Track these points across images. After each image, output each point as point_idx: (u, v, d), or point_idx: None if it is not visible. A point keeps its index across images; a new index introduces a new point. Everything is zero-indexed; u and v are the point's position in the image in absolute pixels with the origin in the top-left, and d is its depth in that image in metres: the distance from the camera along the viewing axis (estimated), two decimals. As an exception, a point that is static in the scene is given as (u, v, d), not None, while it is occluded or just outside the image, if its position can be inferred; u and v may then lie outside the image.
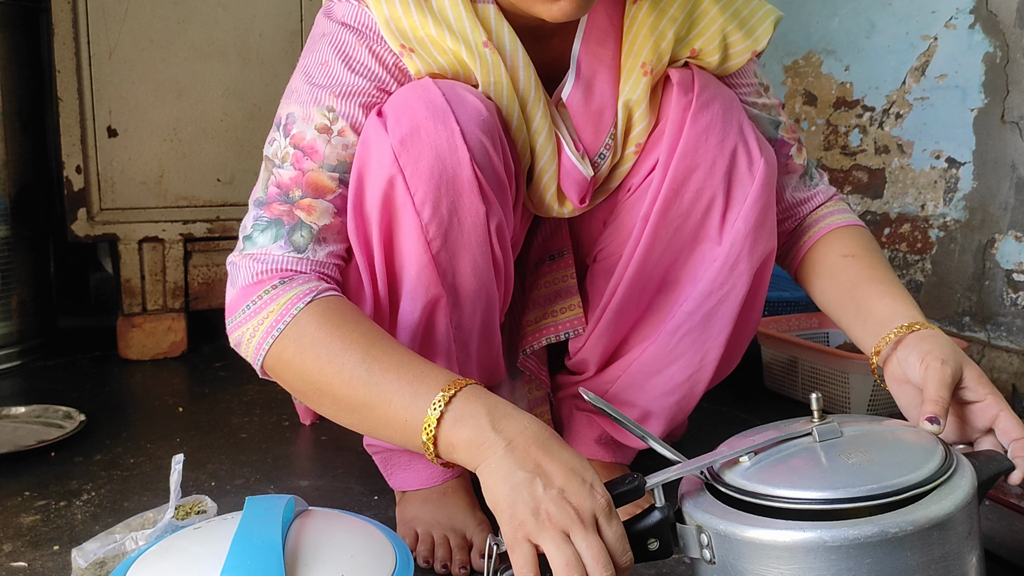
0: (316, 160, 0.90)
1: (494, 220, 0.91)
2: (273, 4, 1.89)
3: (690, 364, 1.06)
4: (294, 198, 0.89)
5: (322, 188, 0.90)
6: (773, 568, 0.66)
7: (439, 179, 0.87)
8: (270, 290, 0.86)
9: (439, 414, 0.74)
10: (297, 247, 0.88)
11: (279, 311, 0.84)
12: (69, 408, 1.44)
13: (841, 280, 1.02)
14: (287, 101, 0.94)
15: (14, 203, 1.79)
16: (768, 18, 1.02)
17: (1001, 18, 1.63)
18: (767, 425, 0.80)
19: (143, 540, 0.88)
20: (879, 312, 0.94)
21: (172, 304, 1.85)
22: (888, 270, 1.01)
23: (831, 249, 1.05)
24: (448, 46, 0.91)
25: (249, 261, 0.88)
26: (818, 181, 1.12)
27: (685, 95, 0.98)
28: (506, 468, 0.70)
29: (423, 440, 0.74)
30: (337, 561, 0.73)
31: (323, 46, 0.93)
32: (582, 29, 0.98)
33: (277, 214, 0.89)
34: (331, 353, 0.81)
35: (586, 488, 0.68)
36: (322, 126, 0.90)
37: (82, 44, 1.74)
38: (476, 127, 0.88)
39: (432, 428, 0.74)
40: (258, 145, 1.89)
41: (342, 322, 0.83)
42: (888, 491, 0.66)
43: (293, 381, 0.85)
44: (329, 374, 0.81)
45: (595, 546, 0.66)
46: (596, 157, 1.00)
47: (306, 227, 0.89)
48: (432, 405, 0.74)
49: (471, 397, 0.74)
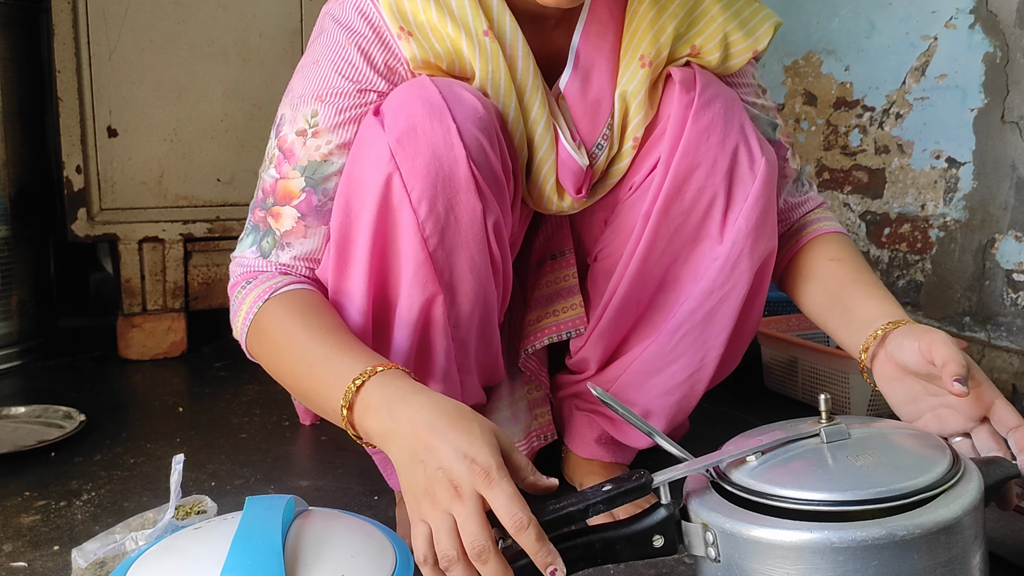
0: (292, 162, 0.94)
1: (491, 218, 0.91)
2: (273, 4, 1.88)
3: (691, 363, 1.06)
4: (268, 204, 0.95)
5: (288, 194, 0.94)
6: (779, 568, 0.66)
7: (435, 176, 0.88)
8: (241, 290, 0.93)
9: (349, 404, 0.78)
10: (263, 252, 0.95)
11: (246, 310, 0.92)
12: (69, 408, 1.44)
13: (827, 283, 1.03)
14: (285, 100, 0.96)
15: (14, 203, 1.79)
16: (768, 21, 1.03)
17: (1001, 18, 1.63)
18: (773, 425, 0.80)
19: (143, 540, 0.88)
20: (865, 312, 0.95)
21: (172, 304, 1.85)
22: (872, 275, 1.02)
23: (817, 253, 1.06)
24: (448, 34, 0.92)
25: (234, 264, 0.97)
26: (808, 188, 1.13)
27: (687, 93, 0.98)
28: (402, 455, 0.74)
29: (346, 428, 0.79)
30: (337, 561, 0.73)
31: (317, 45, 0.95)
32: (583, 21, 0.98)
33: (256, 220, 0.96)
34: (277, 347, 0.89)
35: (465, 463, 0.69)
36: (301, 130, 0.93)
37: (82, 44, 1.74)
38: (473, 125, 0.89)
39: (347, 418, 0.78)
40: (258, 145, 1.90)
41: (288, 317, 0.89)
42: (896, 494, 0.66)
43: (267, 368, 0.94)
44: (277, 368, 0.90)
45: (469, 518, 0.67)
46: (593, 148, 1.00)
47: (271, 233, 0.95)
48: (343, 398, 0.78)
49: (375, 386, 0.78)
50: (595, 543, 0.71)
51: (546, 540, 0.67)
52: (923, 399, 0.88)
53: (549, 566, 0.67)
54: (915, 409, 0.89)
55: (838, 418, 0.77)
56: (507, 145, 0.95)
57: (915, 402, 0.89)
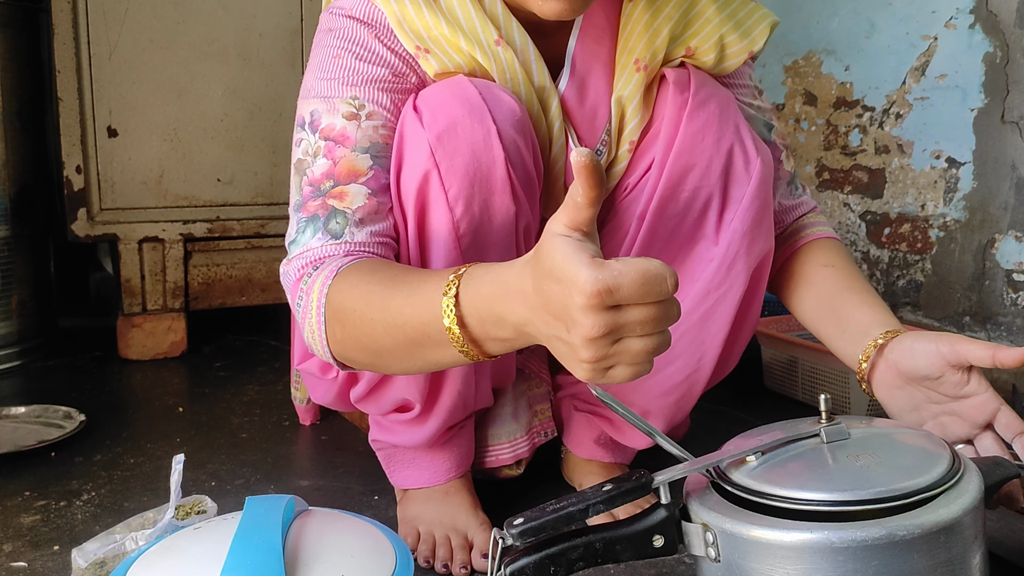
0: (348, 146, 0.90)
1: (523, 220, 0.92)
2: (273, 4, 1.88)
3: (688, 364, 1.06)
4: (325, 190, 0.89)
5: (355, 172, 0.89)
6: (779, 568, 0.66)
7: (473, 176, 0.88)
8: (304, 283, 0.86)
9: (458, 319, 0.72)
10: (334, 235, 0.87)
11: (316, 303, 0.84)
12: (69, 408, 1.43)
13: (820, 289, 1.03)
14: (306, 100, 0.94)
15: (14, 203, 1.79)
16: (764, 21, 1.03)
17: (1001, 18, 1.63)
18: (773, 425, 0.80)
19: (143, 540, 0.88)
20: (859, 321, 0.95)
21: (172, 304, 1.85)
22: (865, 282, 1.02)
23: (810, 259, 1.06)
24: (461, 47, 0.92)
25: (295, 262, 0.88)
26: (802, 192, 1.13)
27: (681, 94, 0.98)
28: (540, 336, 0.67)
29: (453, 337, 0.72)
30: (337, 561, 0.73)
31: (333, 41, 0.93)
32: (578, 26, 0.99)
33: (312, 211, 0.89)
34: (360, 318, 0.80)
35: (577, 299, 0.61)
36: (349, 113, 0.90)
37: (82, 44, 1.74)
38: (511, 126, 0.89)
39: (460, 334, 0.72)
40: (258, 145, 1.91)
41: (357, 282, 0.81)
42: (896, 494, 0.66)
43: (363, 361, 0.85)
44: (366, 331, 0.80)
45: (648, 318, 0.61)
46: (593, 152, 1.00)
47: (340, 213, 0.88)
48: (444, 299, 0.72)
49: (466, 298, 0.71)
50: (595, 543, 0.71)
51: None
52: (925, 407, 0.89)
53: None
54: (917, 417, 0.89)
55: (838, 418, 0.77)
56: (538, 147, 0.95)
57: (917, 410, 0.89)
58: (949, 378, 0.86)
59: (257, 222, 1.91)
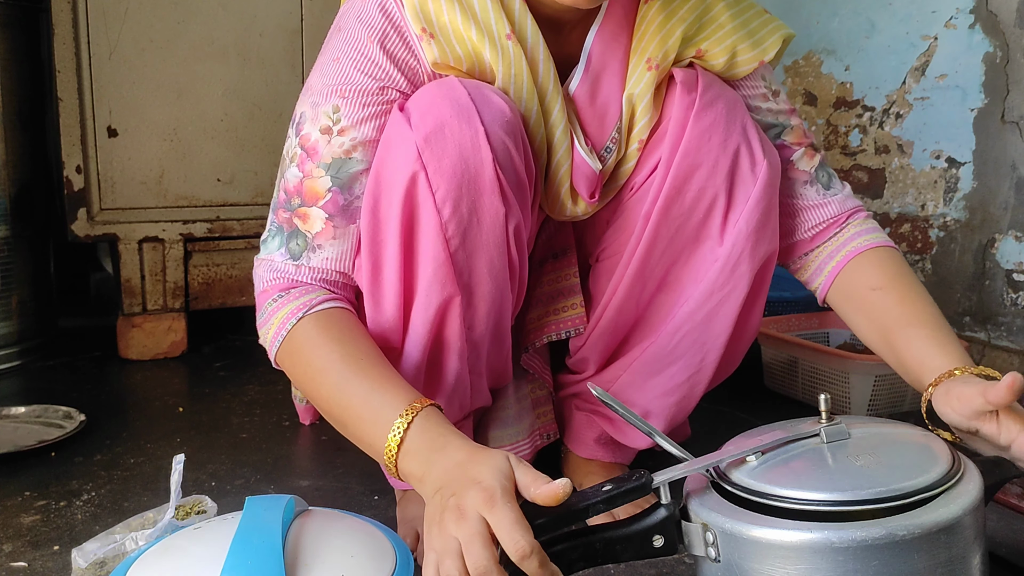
0: (315, 160, 0.92)
1: (512, 222, 0.91)
2: (273, 4, 1.88)
3: (690, 364, 1.06)
4: (294, 206, 0.94)
5: (315, 195, 0.93)
6: (779, 568, 0.66)
7: (461, 178, 0.87)
8: (273, 302, 0.92)
9: (397, 448, 0.78)
10: (293, 255, 0.93)
11: (278, 324, 0.90)
12: (69, 408, 1.43)
13: (873, 318, 1.01)
14: (303, 98, 0.96)
15: (14, 203, 1.79)
16: (777, 32, 1.03)
17: (1001, 18, 1.63)
18: (773, 425, 0.80)
19: (143, 540, 0.88)
20: (911, 368, 0.95)
21: (172, 304, 1.85)
22: (917, 301, 0.99)
23: (858, 282, 1.03)
24: (471, 37, 0.92)
25: (262, 267, 0.95)
26: (837, 191, 1.09)
27: (688, 94, 0.98)
28: (429, 493, 0.73)
29: (387, 465, 0.79)
30: (337, 561, 0.73)
31: (337, 42, 0.94)
32: (598, 23, 0.98)
33: (281, 221, 0.94)
34: (312, 371, 0.87)
35: (472, 487, 0.69)
36: (324, 127, 0.92)
37: (82, 44, 1.74)
38: (500, 128, 0.89)
39: (393, 456, 0.78)
40: (258, 145, 1.91)
41: (326, 339, 0.87)
42: (896, 494, 0.66)
43: (296, 384, 0.94)
44: (312, 389, 0.89)
45: (472, 539, 0.66)
46: (602, 151, 1.00)
47: (301, 235, 0.93)
48: (388, 440, 0.78)
49: (416, 432, 0.78)
50: (595, 543, 0.71)
51: (549, 566, 0.66)
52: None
53: None
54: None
55: (838, 418, 0.77)
56: (530, 149, 0.95)
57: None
58: (985, 430, 0.83)
59: (257, 222, 1.91)
